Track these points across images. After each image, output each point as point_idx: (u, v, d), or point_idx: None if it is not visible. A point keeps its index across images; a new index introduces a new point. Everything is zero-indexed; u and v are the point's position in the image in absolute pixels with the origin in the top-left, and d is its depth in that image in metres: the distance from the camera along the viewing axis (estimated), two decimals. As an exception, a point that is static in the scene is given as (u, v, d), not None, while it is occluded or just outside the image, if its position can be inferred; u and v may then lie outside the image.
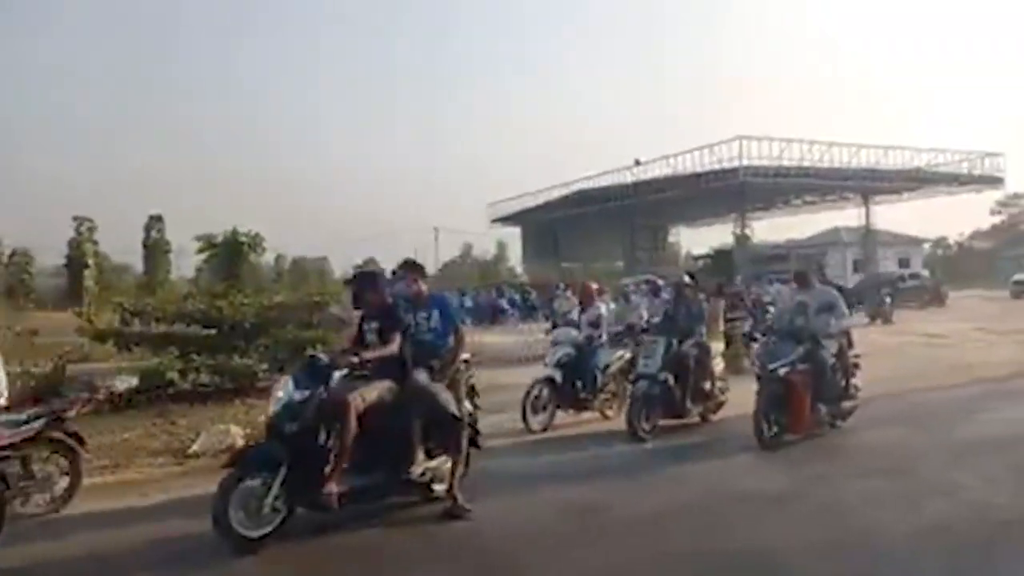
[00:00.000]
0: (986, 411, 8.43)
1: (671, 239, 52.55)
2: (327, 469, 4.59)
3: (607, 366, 8.42)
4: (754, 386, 7.07)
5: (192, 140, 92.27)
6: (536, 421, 7.90)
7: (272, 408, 4.69)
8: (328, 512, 4.64)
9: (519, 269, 57.92)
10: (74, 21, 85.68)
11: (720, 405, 8.35)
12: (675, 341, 7.78)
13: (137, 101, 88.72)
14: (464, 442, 5.23)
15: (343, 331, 8.54)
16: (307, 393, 4.62)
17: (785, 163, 33.02)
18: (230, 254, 20.03)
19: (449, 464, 5.15)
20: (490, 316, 28.54)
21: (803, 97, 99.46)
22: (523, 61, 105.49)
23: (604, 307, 9.14)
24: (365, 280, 5.61)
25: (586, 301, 9.06)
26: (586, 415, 8.42)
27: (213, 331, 10.88)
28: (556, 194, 42.86)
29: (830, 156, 33.81)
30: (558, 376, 8.12)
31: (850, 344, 7.87)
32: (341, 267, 64.79)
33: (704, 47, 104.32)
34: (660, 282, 17.75)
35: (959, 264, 54.01)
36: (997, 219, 64.75)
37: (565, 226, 44.99)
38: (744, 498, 5.47)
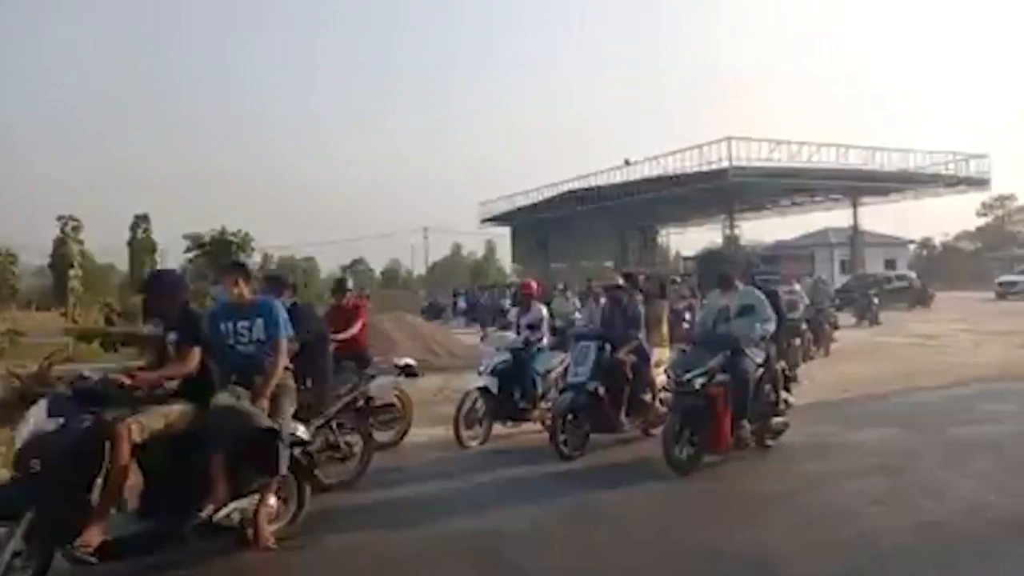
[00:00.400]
0: (974, 410, 8.45)
1: (661, 240, 52.73)
2: (87, 514, 3.77)
3: (547, 371, 7.69)
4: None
5: (188, 139, 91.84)
6: (470, 436, 7.20)
7: (17, 440, 3.82)
8: (88, 566, 3.73)
9: (508, 269, 57.96)
10: (71, 20, 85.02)
11: (663, 418, 7.30)
12: (608, 347, 6.98)
13: (134, 100, 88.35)
14: (283, 464, 4.28)
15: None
16: (61, 421, 3.79)
17: (773, 164, 33.18)
18: (218, 253, 19.86)
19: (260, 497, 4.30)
20: (491, 318, 28.37)
21: (802, 96, 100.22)
22: (523, 61, 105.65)
23: (544, 309, 8.36)
24: (158, 284, 4.70)
25: (526, 301, 8.27)
26: (526, 426, 7.67)
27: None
28: (546, 194, 42.85)
29: (818, 157, 34.00)
30: (493, 385, 7.39)
31: (780, 354, 7.23)
32: (330, 267, 64.50)
33: (703, 47, 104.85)
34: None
35: (944, 265, 54.42)
36: (983, 221, 65.39)
37: (555, 226, 44.98)
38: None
